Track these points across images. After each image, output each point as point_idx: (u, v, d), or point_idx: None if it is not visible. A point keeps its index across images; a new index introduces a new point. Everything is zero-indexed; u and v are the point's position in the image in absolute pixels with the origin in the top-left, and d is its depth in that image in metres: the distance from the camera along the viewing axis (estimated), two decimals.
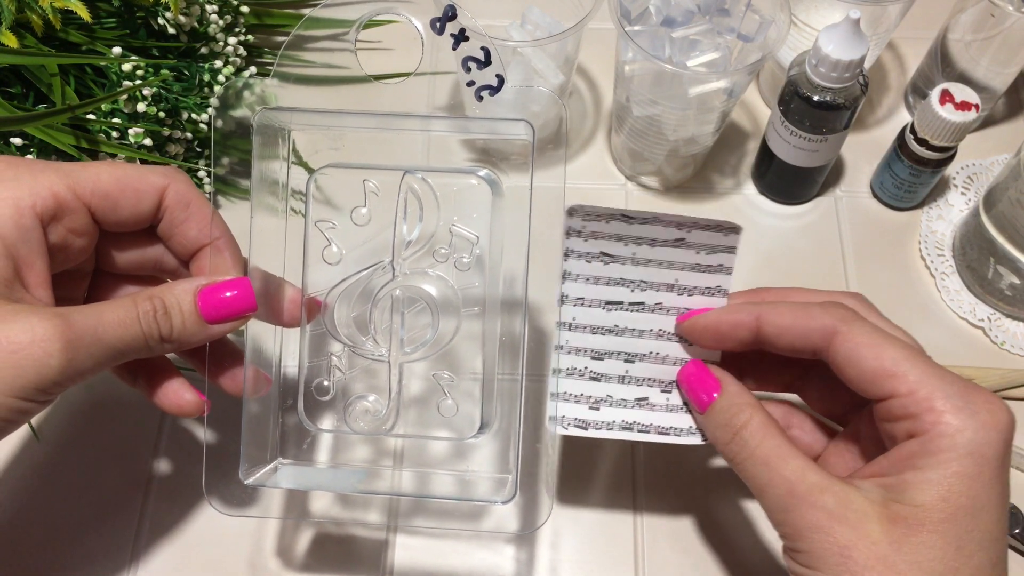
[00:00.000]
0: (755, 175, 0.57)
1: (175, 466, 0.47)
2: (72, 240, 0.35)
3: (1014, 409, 0.49)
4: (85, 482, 0.46)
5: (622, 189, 0.57)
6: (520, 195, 0.37)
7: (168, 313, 0.34)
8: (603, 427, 0.38)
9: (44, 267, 0.33)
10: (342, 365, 0.40)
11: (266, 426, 0.40)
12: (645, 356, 0.39)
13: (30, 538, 0.45)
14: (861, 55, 0.45)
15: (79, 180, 0.34)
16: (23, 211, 0.32)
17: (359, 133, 0.39)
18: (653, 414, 0.39)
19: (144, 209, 0.36)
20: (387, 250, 0.39)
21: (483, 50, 0.36)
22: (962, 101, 0.49)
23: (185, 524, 0.45)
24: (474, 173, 0.40)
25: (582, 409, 0.38)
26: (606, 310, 0.38)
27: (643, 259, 0.38)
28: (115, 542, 0.45)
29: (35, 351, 0.30)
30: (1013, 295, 0.51)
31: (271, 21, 0.60)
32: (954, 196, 0.56)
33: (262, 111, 0.37)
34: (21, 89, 0.47)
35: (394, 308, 0.39)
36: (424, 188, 0.38)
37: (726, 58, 0.48)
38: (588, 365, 0.39)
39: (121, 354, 0.33)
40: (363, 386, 0.41)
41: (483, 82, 0.37)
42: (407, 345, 0.39)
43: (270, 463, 0.40)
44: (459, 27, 0.36)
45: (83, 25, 0.48)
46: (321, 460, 0.45)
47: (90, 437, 0.47)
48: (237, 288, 0.35)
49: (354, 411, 0.40)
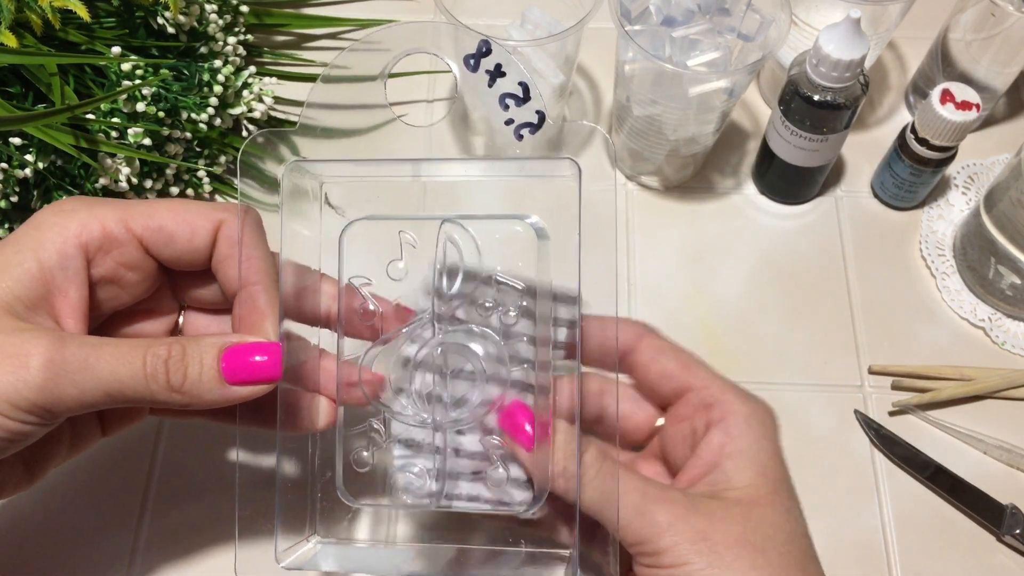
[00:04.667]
0: (755, 175, 0.57)
1: (174, 470, 0.47)
2: (124, 274, 0.35)
3: (1014, 409, 0.50)
4: (84, 486, 0.46)
5: (622, 189, 0.57)
6: (565, 235, 0.34)
7: (185, 362, 0.32)
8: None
9: (79, 297, 0.33)
10: (381, 432, 0.37)
11: (302, 500, 0.36)
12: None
13: (29, 543, 0.44)
14: (862, 55, 0.45)
15: (132, 214, 0.34)
16: (68, 239, 0.33)
17: (392, 182, 0.37)
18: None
19: (199, 244, 0.35)
20: (426, 305, 0.36)
21: (521, 85, 0.34)
22: (963, 101, 0.49)
23: (184, 528, 0.45)
24: (520, 219, 0.36)
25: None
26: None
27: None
28: (114, 546, 0.45)
29: (13, 364, 0.29)
30: (1014, 295, 0.51)
31: (271, 21, 0.60)
32: (955, 196, 0.56)
33: (292, 163, 0.35)
34: (20, 89, 0.47)
35: (436, 368, 0.36)
36: (464, 237, 0.35)
37: (726, 58, 0.48)
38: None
39: (117, 392, 0.31)
40: (404, 454, 0.37)
41: (522, 120, 0.34)
42: (452, 409, 0.36)
43: (308, 541, 0.36)
44: (495, 63, 0.33)
45: (82, 25, 0.48)
46: (360, 536, 0.42)
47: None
48: (265, 353, 0.33)
49: (397, 483, 0.36)
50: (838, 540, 0.46)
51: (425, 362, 0.36)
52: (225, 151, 0.55)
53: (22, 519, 0.45)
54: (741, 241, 0.55)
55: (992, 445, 0.48)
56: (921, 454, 0.47)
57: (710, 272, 0.54)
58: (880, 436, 0.48)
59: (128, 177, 0.48)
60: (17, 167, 0.45)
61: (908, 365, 0.50)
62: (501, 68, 0.34)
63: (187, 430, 0.48)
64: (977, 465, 0.48)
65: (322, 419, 0.36)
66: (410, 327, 0.36)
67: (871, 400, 0.50)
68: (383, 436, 0.37)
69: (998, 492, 0.46)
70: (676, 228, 0.56)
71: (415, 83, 0.60)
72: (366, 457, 0.37)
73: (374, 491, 0.38)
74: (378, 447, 0.37)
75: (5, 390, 0.29)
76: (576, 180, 0.34)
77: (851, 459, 0.48)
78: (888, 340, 0.52)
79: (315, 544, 0.37)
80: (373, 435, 0.37)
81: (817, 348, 0.51)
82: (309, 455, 0.37)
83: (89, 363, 0.30)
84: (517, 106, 0.34)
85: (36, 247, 0.33)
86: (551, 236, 0.36)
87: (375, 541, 0.42)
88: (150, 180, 0.50)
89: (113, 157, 0.48)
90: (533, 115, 0.34)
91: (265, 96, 0.54)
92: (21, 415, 0.30)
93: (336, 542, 0.38)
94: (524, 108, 0.34)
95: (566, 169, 0.34)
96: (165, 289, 0.38)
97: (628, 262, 0.54)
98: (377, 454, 0.37)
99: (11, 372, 0.29)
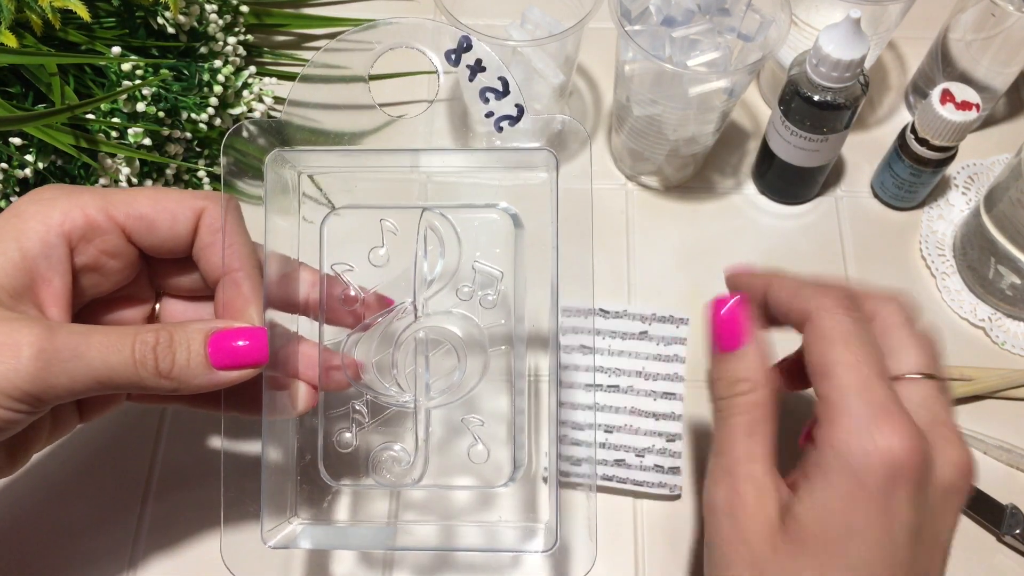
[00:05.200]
0: (755, 175, 0.57)
1: (174, 468, 0.47)
2: (105, 261, 0.35)
3: (1014, 409, 0.50)
4: (83, 484, 0.46)
5: (622, 189, 0.57)
6: (541, 224, 0.35)
7: (173, 348, 0.32)
8: (584, 478, 0.38)
9: (63, 285, 0.33)
10: (364, 414, 0.38)
11: (284, 482, 0.38)
12: (621, 428, 0.46)
13: (29, 541, 0.44)
14: (862, 55, 0.45)
15: (114, 202, 0.34)
16: (50, 228, 0.33)
17: (374, 171, 0.38)
18: (629, 471, 0.45)
19: (181, 231, 0.35)
20: (407, 291, 0.37)
21: (501, 80, 0.35)
22: (963, 101, 0.49)
23: (184, 527, 0.45)
24: (495, 207, 0.38)
25: (565, 465, 0.38)
26: (586, 390, 0.44)
27: (616, 350, 0.48)
28: (114, 545, 0.45)
29: (4, 354, 0.30)
30: (1014, 295, 0.51)
31: (270, 21, 0.60)
32: (955, 196, 0.56)
33: (275, 153, 0.36)
34: (20, 89, 0.47)
35: (418, 351, 0.38)
36: (444, 224, 0.37)
37: (726, 58, 0.48)
38: (569, 434, 0.39)
39: (106, 379, 0.31)
40: (385, 435, 0.38)
41: (502, 112, 0.36)
42: (433, 389, 0.38)
43: (289, 522, 0.38)
44: (475, 58, 0.35)
45: (82, 25, 0.48)
46: (340, 516, 0.43)
47: (89, 439, 0.47)
48: (250, 338, 0.34)
49: (379, 463, 0.38)
50: None
51: (407, 345, 0.37)
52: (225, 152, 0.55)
53: (23, 514, 0.45)
54: (741, 241, 0.55)
55: (992, 445, 0.48)
56: None
57: (710, 272, 0.54)
58: None
59: (128, 177, 0.48)
60: (17, 167, 0.45)
61: None
62: (481, 63, 0.35)
63: (188, 424, 0.48)
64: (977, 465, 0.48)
65: (301, 403, 0.37)
66: (391, 312, 0.38)
67: None
68: (365, 417, 0.38)
69: (998, 492, 0.46)
70: (676, 228, 0.56)
71: (409, 81, 0.60)
72: (348, 439, 0.38)
73: (356, 472, 0.39)
74: (360, 428, 0.38)
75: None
76: (553, 171, 0.35)
77: None
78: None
79: (296, 525, 0.38)
80: (355, 417, 0.38)
81: None
82: (290, 439, 0.38)
83: (80, 351, 0.31)
84: (497, 99, 0.35)
85: (19, 236, 0.33)
86: (527, 224, 0.38)
87: (357, 521, 0.43)
88: (150, 180, 0.50)
89: (113, 157, 0.48)
90: (512, 108, 0.36)
91: (265, 96, 0.54)
92: (12, 403, 0.30)
93: (317, 523, 0.39)
94: (503, 102, 0.35)
95: (544, 160, 0.36)
96: (143, 276, 0.38)
97: (628, 262, 0.54)
98: (360, 435, 0.38)
99: (2, 362, 0.29)
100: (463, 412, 0.38)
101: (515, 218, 0.38)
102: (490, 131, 0.36)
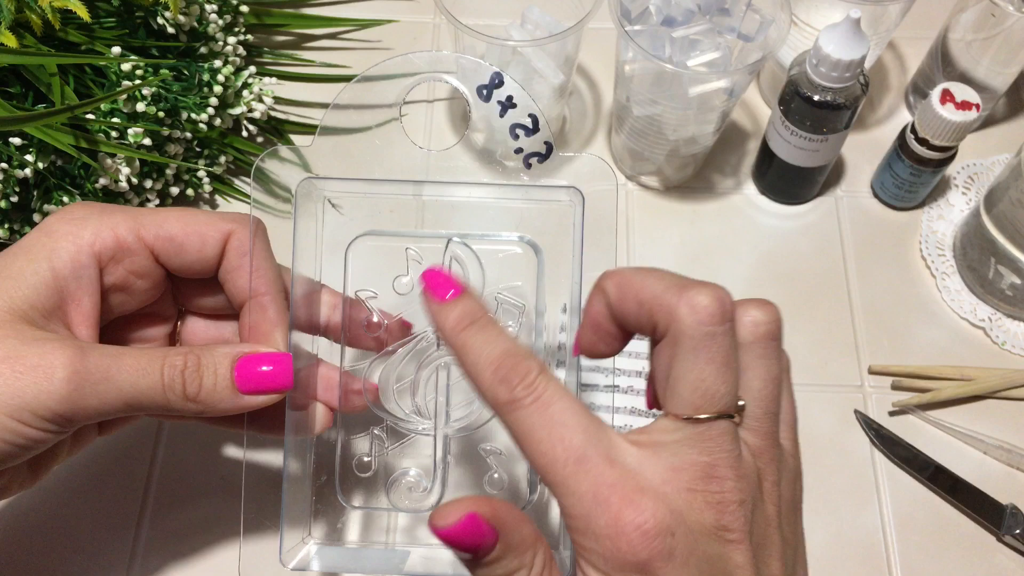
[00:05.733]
0: (755, 175, 0.57)
1: (173, 472, 0.47)
2: (133, 281, 0.35)
3: (1014, 409, 0.50)
4: (84, 487, 0.46)
5: (622, 189, 0.57)
6: (563, 242, 0.36)
7: (200, 372, 0.33)
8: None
9: (92, 305, 0.33)
10: (383, 439, 0.39)
11: (300, 502, 0.38)
12: (620, 428, 0.45)
13: (29, 543, 0.44)
14: (861, 55, 0.45)
15: (144, 223, 0.34)
16: (81, 248, 0.33)
17: (398, 199, 0.38)
18: None
19: (209, 254, 0.35)
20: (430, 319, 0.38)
21: (531, 117, 0.35)
22: (963, 101, 0.49)
23: (183, 529, 0.45)
24: (519, 240, 0.39)
25: None
26: (581, 391, 0.44)
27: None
28: (113, 547, 0.45)
29: (38, 375, 0.30)
30: (1014, 295, 0.51)
31: (271, 21, 0.60)
32: (955, 196, 0.56)
33: (305, 180, 0.36)
34: (20, 89, 0.47)
35: (439, 379, 0.38)
36: (468, 255, 0.37)
37: (726, 58, 0.48)
38: None
39: (135, 401, 0.32)
40: (403, 460, 0.39)
41: (531, 149, 0.36)
42: (453, 418, 0.38)
43: (304, 542, 0.38)
44: (506, 94, 0.35)
45: (82, 25, 0.48)
46: (351, 539, 0.43)
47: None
48: (275, 363, 0.34)
49: (397, 487, 0.38)
50: (838, 540, 0.46)
51: (428, 373, 0.38)
52: (225, 151, 0.55)
53: (23, 520, 0.45)
54: (741, 241, 0.55)
55: (992, 445, 0.48)
56: (921, 454, 0.47)
57: (710, 272, 0.54)
58: (880, 436, 0.48)
59: (128, 177, 0.48)
60: (17, 167, 0.45)
61: (908, 365, 0.50)
62: (512, 99, 0.35)
63: (187, 432, 0.48)
64: (977, 465, 0.48)
65: (319, 424, 0.38)
66: (414, 340, 0.38)
67: (871, 400, 0.50)
68: (385, 442, 0.39)
69: (998, 492, 0.46)
70: (676, 228, 0.55)
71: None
72: (367, 462, 0.39)
73: (371, 495, 0.39)
74: (380, 453, 0.39)
75: (29, 401, 0.30)
76: (579, 207, 0.36)
77: (851, 459, 0.48)
78: (888, 340, 0.52)
79: (311, 545, 0.38)
80: (375, 441, 0.39)
81: (817, 348, 0.51)
82: (306, 459, 0.38)
83: (111, 374, 0.31)
84: (527, 136, 0.36)
85: (50, 255, 0.33)
86: (551, 255, 0.39)
87: (370, 542, 0.43)
88: (150, 180, 0.50)
89: (113, 157, 0.47)
90: (542, 145, 0.36)
91: (265, 96, 0.54)
92: (42, 423, 0.30)
93: (331, 544, 0.39)
94: (533, 138, 0.36)
95: (569, 196, 0.36)
96: (167, 294, 0.38)
97: (628, 262, 0.54)
98: (378, 460, 0.39)
99: (35, 383, 0.30)
100: (481, 441, 0.39)
101: (535, 246, 0.39)
102: (518, 167, 0.37)
